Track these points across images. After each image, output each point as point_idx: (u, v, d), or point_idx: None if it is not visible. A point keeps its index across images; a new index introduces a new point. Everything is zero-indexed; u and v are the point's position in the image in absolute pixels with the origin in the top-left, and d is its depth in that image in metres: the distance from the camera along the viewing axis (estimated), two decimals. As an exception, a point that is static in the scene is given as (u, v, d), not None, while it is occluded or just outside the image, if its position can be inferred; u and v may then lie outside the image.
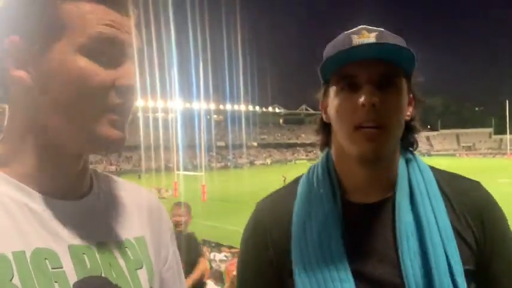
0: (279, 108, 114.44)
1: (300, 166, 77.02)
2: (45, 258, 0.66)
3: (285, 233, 1.03)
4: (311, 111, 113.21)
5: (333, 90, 0.99)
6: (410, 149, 1.09)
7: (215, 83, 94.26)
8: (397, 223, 0.96)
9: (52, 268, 0.66)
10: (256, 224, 1.09)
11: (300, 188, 1.08)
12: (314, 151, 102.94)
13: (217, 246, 17.85)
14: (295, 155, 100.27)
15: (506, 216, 1.05)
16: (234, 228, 22.61)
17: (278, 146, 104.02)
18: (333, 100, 0.99)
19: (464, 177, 1.08)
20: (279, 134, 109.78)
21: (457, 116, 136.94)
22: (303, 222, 1.02)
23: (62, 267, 0.68)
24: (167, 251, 0.90)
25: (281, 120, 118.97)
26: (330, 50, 1.01)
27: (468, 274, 0.95)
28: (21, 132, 0.71)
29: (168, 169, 54.00)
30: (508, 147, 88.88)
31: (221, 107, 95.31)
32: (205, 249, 16.09)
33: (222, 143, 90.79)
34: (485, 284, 1.00)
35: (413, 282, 0.91)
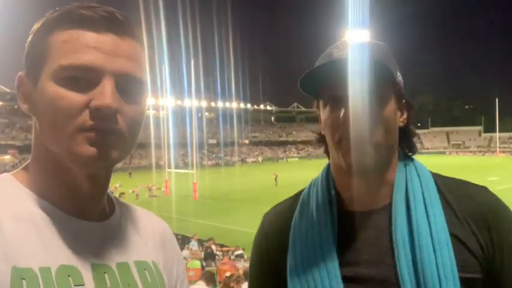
0: (270, 106, 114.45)
1: (292, 164, 76.96)
2: (69, 275, 0.70)
3: (283, 244, 1.08)
4: (303, 108, 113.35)
5: (321, 103, 1.02)
6: (410, 153, 1.09)
7: (206, 81, 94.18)
8: (393, 231, 0.97)
9: (74, 285, 0.70)
10: (260, 235, 1.17)
11: (301, 200, 1.13)
12: (305, 149, 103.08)
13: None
14: (287, 152, 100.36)
15: None
16: (225, 226, 22.59)
17: (269, 144, 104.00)
18: (322, 114, 1.02)
19: (469, 183, 1.06)
20: (271, 132, 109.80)
21: (447, 114, 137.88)
22: (299, 234, 1.06)
23: (83, 285, 0.72)
24: (176, 281, 0.94)
25: (273, 118, 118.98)
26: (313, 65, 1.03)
27: (471, 282, 0.94)
28: (36, 155, 0.79)
29: (159, 167, 53.78)
30: (498, 145, 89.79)
31: (213, 104, 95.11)
32: (196, 248, 16.09)
33: (213, 141, 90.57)
34: None
35: (408, 283, 0.93)
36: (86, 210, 0.79)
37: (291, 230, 1.08)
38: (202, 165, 69.48)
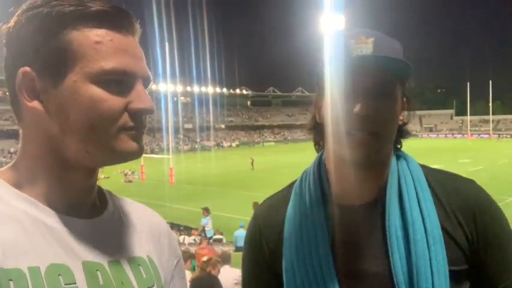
0: (246, 90, 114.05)
1: (268, 148, 77.24)
2: (59, 274, 0.69)
3: (278, 237, 1.08)
4: (278, 93, 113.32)
5: (328, 94, 0.99)
6: (398, 146, 1.10)
7: (182, 65, 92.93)
8: (386, 225, 0.99)
9: (65, 284, 0.69)
10: (253, 229, 1.15)
11: (293, 193, 1.12)
12: (282, 133, 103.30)
13: (186, 230, 17.84)
14: (263, 136, 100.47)
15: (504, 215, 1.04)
16: (202, 210, 22.61)
17: (246, 128, 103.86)
18: (328, 103, 1.00)
19: (457, 176, 1.08)
20: (247, 116, 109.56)
21: (420, 98, 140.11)
22: (293, 227, 1.06)
23: (75, 283, 0.70)
24: (169, 277, 0.92)
25: (249, 102, 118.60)
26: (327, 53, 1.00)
27: (459, 274, 0.97)
28: (35, 154, 0.75)
29: (135, 152, 52.86)
30: (469, 128, 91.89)
31: (188, 88, 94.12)
32: (174, 232, 16.06)
33: (189, 126, 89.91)
34: (481, 283, 1.01)
35: (401, 277, 0.95)
36: (76, 207, 0.77)
37: (285, 224, 1.08)
38: (178, 150, 69.00)
